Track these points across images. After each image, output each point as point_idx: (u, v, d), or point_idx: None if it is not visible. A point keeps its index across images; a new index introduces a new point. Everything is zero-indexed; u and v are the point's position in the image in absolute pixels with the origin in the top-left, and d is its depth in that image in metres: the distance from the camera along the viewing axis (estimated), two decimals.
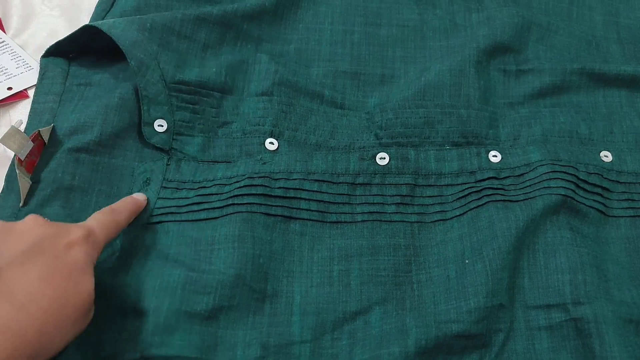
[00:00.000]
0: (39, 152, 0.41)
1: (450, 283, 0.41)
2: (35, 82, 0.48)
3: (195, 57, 0.47)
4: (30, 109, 0.45)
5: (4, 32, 0.53)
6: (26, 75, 0.50)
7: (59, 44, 0.47)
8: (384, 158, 0.44)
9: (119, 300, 0.37)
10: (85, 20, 0.53)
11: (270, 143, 0.45)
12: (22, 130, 0.43)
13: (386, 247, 0.42)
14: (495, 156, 0.46)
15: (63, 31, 0.53)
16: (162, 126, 0.44)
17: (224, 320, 0.38)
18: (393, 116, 0.47)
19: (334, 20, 0.53)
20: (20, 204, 0.40)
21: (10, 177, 0.41)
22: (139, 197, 0.41)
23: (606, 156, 0.47)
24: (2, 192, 0.41)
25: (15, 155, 0.40)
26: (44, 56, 0.48)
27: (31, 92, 0.48)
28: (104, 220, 0.36)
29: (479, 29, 0.53)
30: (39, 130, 0.41)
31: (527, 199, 0.43)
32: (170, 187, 0.43)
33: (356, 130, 0.47)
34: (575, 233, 0.43)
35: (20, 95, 0.49)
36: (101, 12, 0.51)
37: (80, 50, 0.48)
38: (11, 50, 0.51)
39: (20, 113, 0.48)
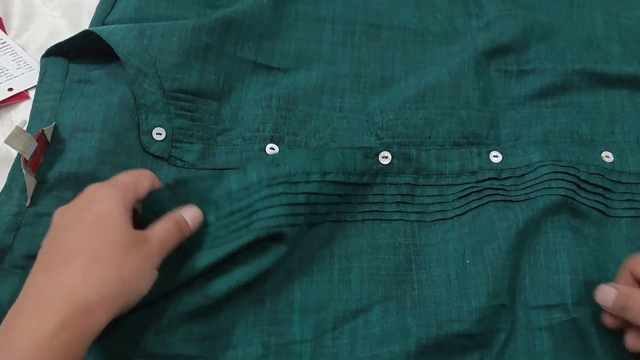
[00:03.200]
0: (42, 151, 0.41)
1: (451, 284, 0.41)
2: (36, 83, 0.48)
3: (197, 59, 0.46)
4: (32, 108, 0.45)
5: (5, 32, 0.53)
6: (27, 76, 0.49)
7: (59, 45, 0.47)
8: (387, 157, 0.44)
9: None
10: (86, 20, 0.53)
11: (270, 149, 0.45)
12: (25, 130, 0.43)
13: (386, 245, 0.42)
14: (496, 156, 0.46)
15: (64, 31, 0.53)
16: (161, 134, 0.43)
17: (225, 319, 0.38)
18: (393, 117, 0.47)
19: (335, 19, 0.53)
20: (27, 204, 0.40)
21: (14, 177, 0.41)
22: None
23: (607, 156, 0.47)
24: (6, 191, 0.41)
25: (20, 155, 0.40)
26: (44, 56, 0.48)
27: (32, 93, 0.48)
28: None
29: (478, 34, 0.54)
30: (43, 130, 0.41)
31: (527, 199, 0.43)
32: None
33: (356, 132, 0.47)
34: (576, 233, 0.43)
35: (21, 96, 0.49)
36: (102, 12, 0.51)
37: (79, 50, 0.48)
38: (12, 51, 0.51)
39: (22, 114, 0.48)
